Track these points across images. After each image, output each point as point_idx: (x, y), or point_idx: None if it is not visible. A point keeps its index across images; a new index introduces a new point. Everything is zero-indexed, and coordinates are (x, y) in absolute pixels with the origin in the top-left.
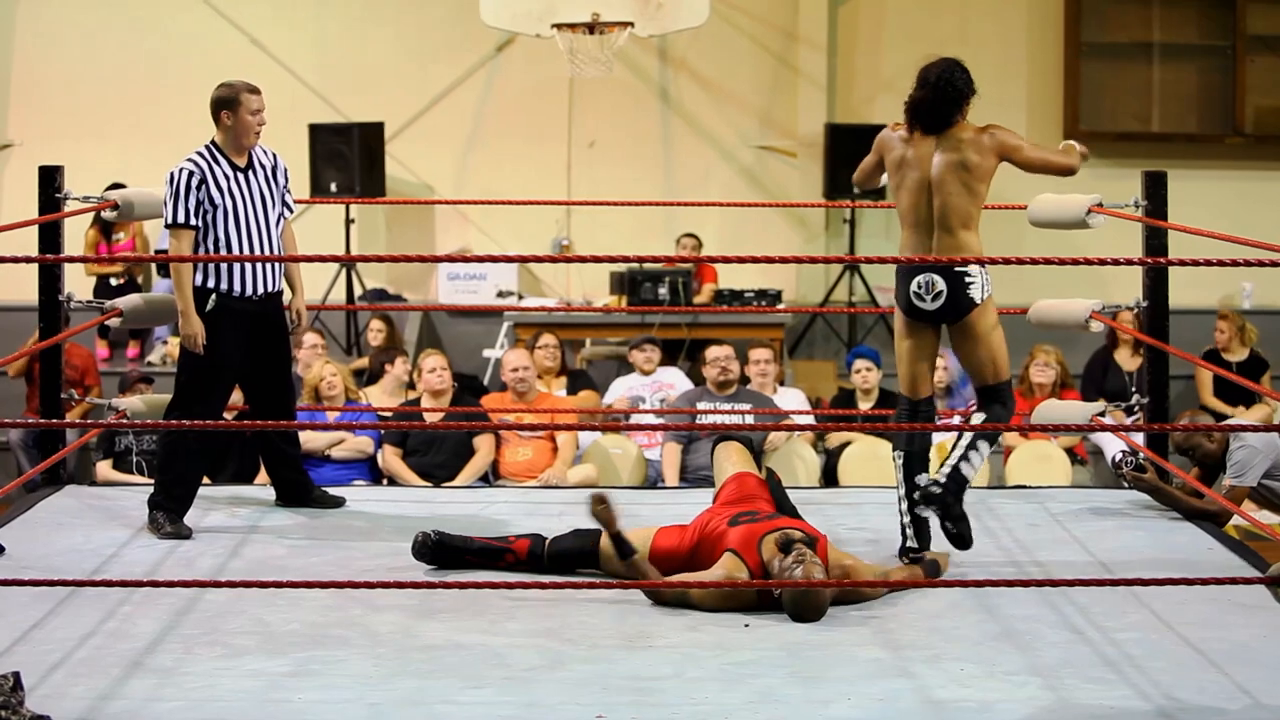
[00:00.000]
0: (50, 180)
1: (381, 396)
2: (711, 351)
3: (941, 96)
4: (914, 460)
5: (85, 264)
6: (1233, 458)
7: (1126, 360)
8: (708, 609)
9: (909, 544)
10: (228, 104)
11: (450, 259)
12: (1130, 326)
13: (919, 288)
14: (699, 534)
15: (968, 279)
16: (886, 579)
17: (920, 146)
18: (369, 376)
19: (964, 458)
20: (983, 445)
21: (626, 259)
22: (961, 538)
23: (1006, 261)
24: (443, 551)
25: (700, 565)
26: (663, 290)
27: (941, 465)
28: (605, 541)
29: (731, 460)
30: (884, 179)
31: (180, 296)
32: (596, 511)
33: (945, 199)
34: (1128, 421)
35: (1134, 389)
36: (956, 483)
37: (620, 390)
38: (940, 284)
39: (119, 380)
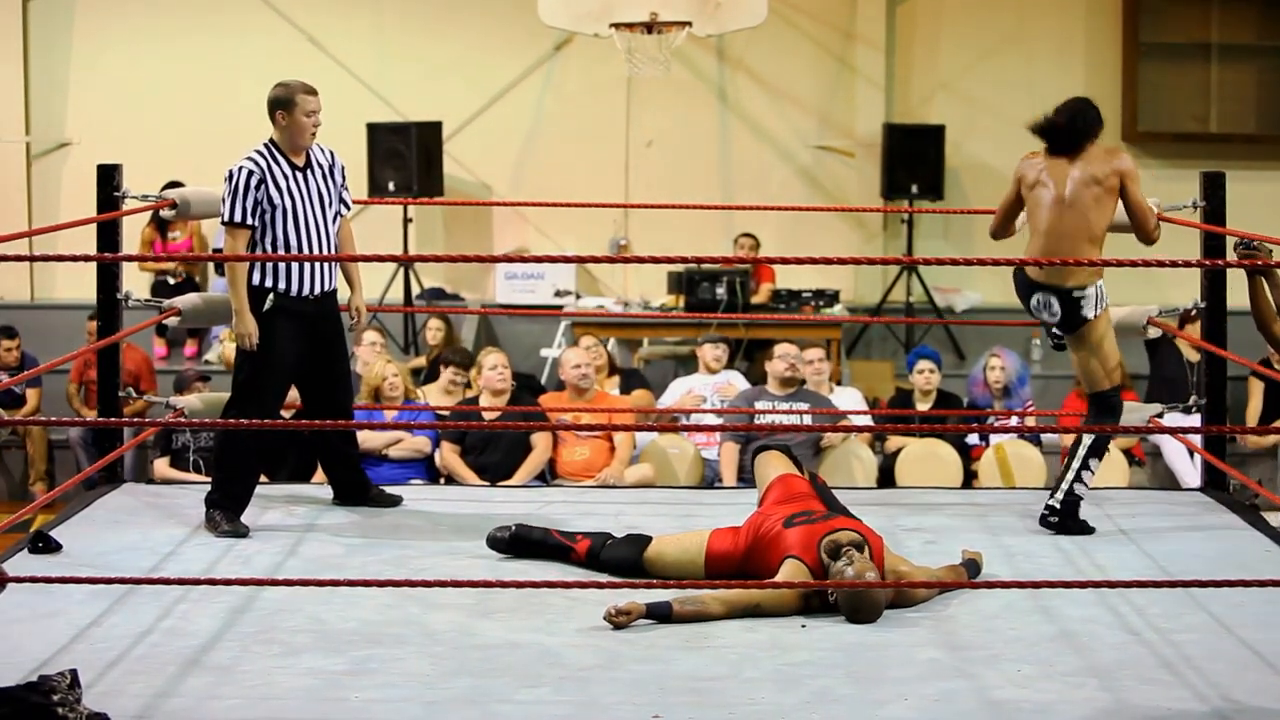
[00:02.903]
0: (109, 179)
1: (438, 395)
2: (780, 348)
3: (1071, 127)
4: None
5: (141, 262)
6: None
7: (1187, 349)
8: (779, 615)
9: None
10: (283, 104)
11: (508, 259)
12: (1189, 329)
13: (1037, 304)
14: (752, 535)
15: (1082, 300)
16: (939, 580)
17: (1056, 168)
18: (426, 375)
19: (1077, 478)
20: (1093, 463)
21: (684, 259)
22: (1086, 532)
23: (1064, 263)
24: (517, 544)
25: (756, 568)
26: (720, 290)
27: (1055, 488)
28: (651, 550)
29: (773, 465)
30: (1019, 221)
31: (235, 295)
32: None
33: (1079, 213)
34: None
35: (1193, 379)
36: (1071, 505)
37: (681, 390)
38: (1055, 305)
39: (175, 379)
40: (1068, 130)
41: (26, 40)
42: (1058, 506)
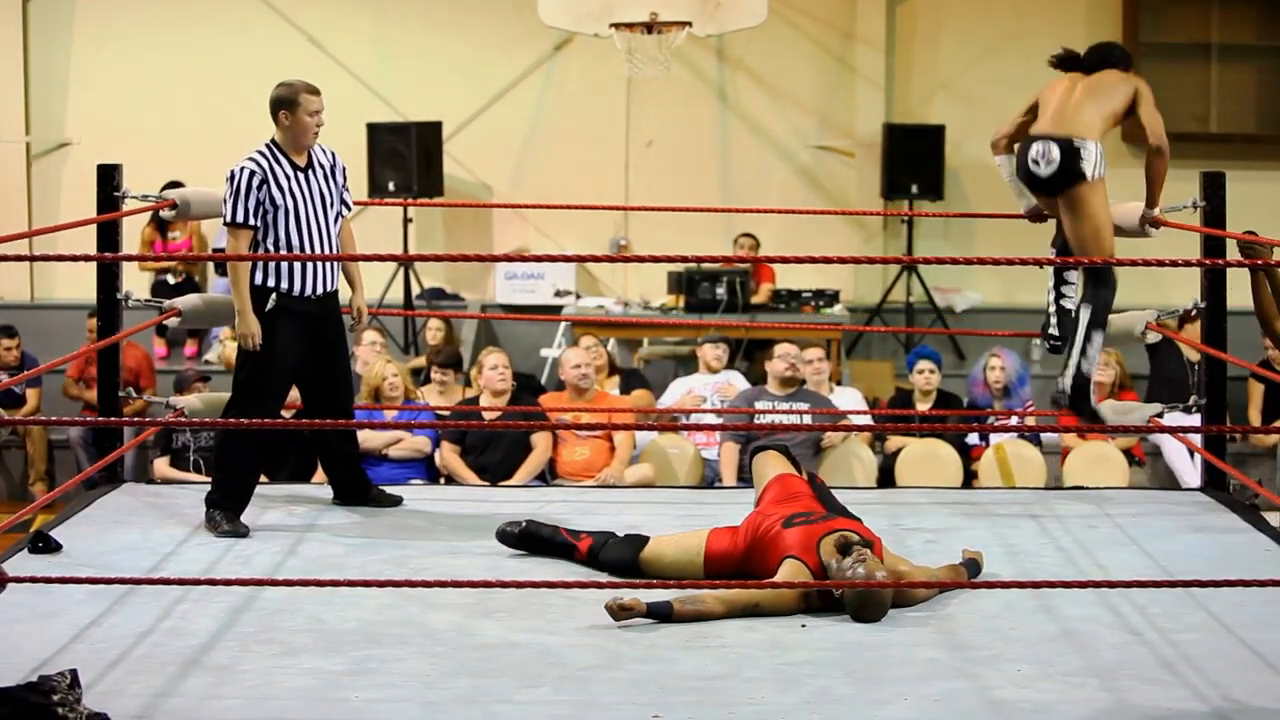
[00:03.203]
0: (109, 179)
1: (432, 396)
2: (780, 348)
3: (1092, 50)
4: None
5: (141, 262)
6: None
7: (1188, 349)
8: (779, 614)
9: (1051, 330)
10: (286, 104)
11: (508, 258)
12: (1189, 329)
13: (1036, 153)
14: (751, 535)
15: (1083, 153)
16: (939, 580)
17: (1072, 77)
18: (426, 375)
19: (1082, 354)
20: (1096, 336)
21: (684, 259)
22: (1096, 421)
23: (1064, 262)
24: (526, 540)
25: (755, 567)
26: (720, 290)
27: (1063, 370)
28: (649, 550)
29: (770, 465)
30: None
31: (237, 295)
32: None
33: (1083, 100)
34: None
35: (1193, 379)
36: (1080, 384)
37: (681, 390)
38: (1055, 151)
39: (175, 379)
40: (1090, 52)
41: (26, 40)
42: (1068, 390)
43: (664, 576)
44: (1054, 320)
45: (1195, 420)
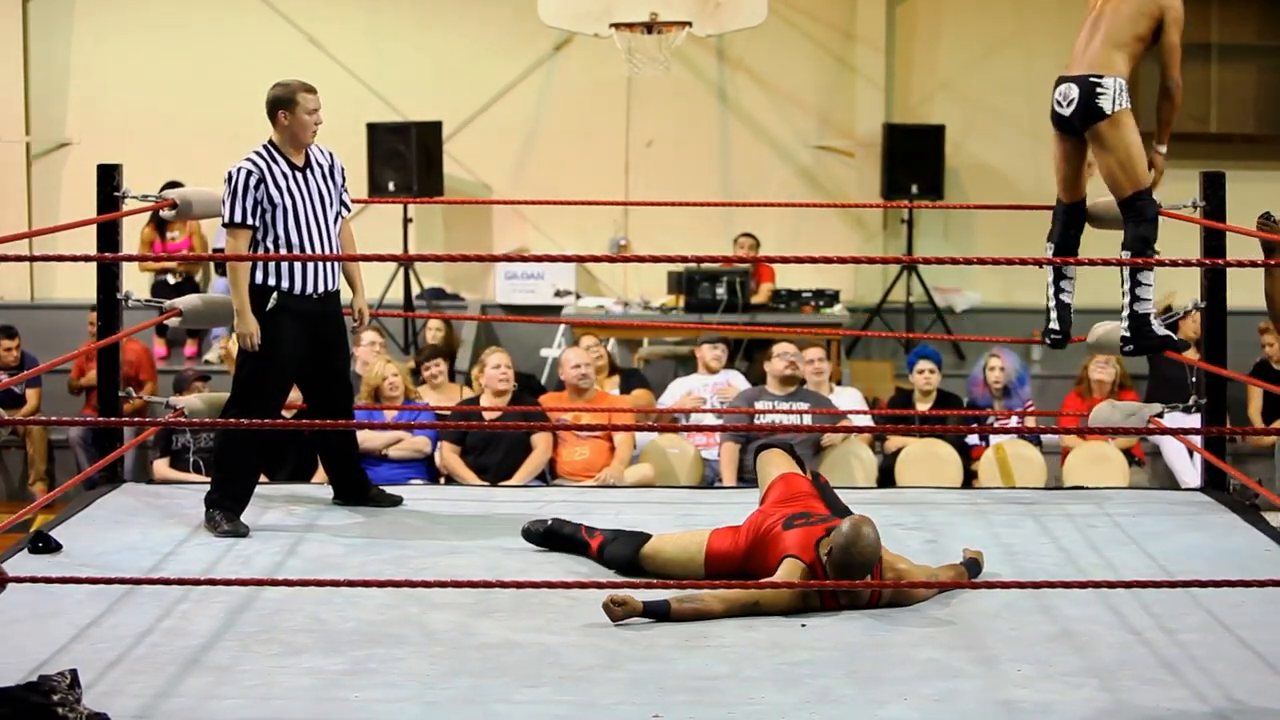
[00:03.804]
0: (109, 179)
1: (430, 392)
2: (779, 347)
3: None
4: (1061, 252)
5: (141, 262)
6: None
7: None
8: (777, 613)
9: (1051, 325)
10: (284, 104)
11: (508, 258)
12: (1185, 327)
13: (1059, 95)
14: (752, 535)
15: (1099, 89)
16: (936, 579)
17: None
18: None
19: (1135, 299)
20: (1145, 276)
21: (684, 259)
22: (1170, 346)
23: (1065, 262)
24: (550, 538)
25: (755, 567)
26: (720, 290)
27: (1121, 315)
28: (649, 547)
29: (774, 464)
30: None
31: (236, 295)
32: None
33: (1110, 22)
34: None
35: (1192, 380)
36: (1140, 324)
37: (680, 392)
38: (1074, 92)
39: (175, 379)
40: None
41: (26, 40)
42: (1128, 334)
43: (664, 574)
44: (1054, 315)
45: (1195, 420)
